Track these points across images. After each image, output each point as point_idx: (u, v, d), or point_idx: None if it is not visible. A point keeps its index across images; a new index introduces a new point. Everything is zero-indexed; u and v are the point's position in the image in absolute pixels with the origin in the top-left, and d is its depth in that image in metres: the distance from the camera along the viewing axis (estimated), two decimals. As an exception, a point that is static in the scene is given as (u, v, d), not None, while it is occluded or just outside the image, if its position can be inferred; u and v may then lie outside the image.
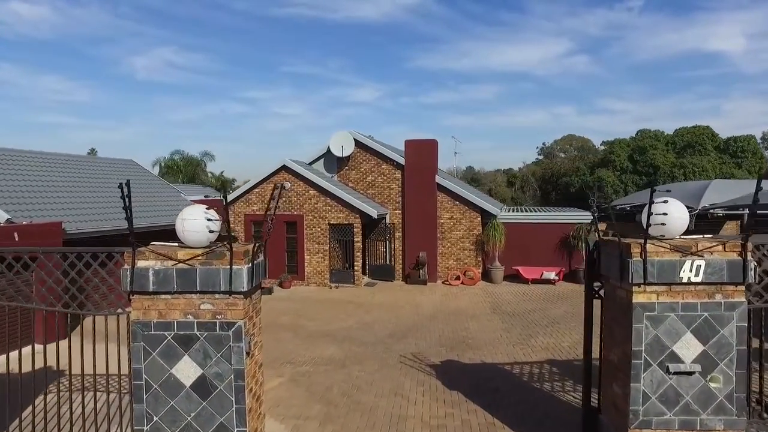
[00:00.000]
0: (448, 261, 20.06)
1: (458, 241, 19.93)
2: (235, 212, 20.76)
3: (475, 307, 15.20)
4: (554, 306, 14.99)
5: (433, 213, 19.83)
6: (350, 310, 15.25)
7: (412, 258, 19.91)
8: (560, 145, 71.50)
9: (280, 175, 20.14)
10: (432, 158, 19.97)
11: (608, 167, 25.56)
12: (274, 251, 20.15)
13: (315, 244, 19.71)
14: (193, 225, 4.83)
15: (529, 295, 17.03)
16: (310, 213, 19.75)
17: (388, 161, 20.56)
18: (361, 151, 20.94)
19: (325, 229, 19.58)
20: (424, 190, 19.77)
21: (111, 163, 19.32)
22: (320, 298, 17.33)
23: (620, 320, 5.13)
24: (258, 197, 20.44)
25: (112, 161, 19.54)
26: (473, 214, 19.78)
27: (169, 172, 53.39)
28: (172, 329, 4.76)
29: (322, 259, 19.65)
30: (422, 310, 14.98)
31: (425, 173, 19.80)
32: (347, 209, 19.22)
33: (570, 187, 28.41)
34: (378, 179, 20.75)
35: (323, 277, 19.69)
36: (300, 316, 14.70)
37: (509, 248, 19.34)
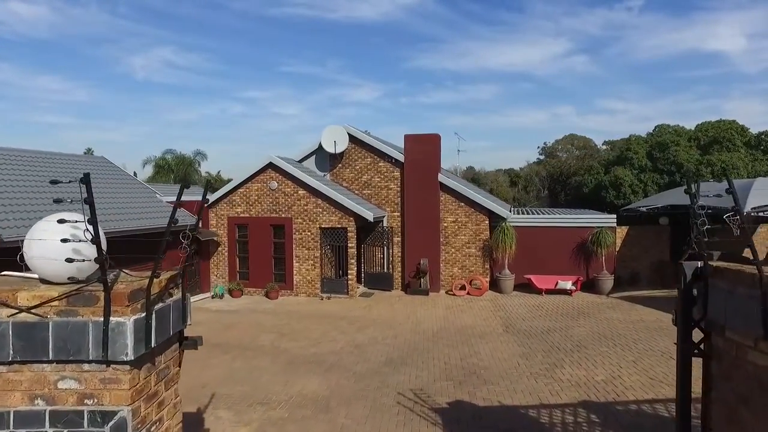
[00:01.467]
0: (453, 269, 18.14)
1: (463, 247, 18.01)
2: (218, 214, 18.85)
3: (484, 324, 13.28)
4: (576, 323, 13.05)
5: (436, 215, 17.91)
6: (342, 327, 13.32)
7: (413, 265, 17.98)
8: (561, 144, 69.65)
9: (267, 174, 18.23)
10: (434, 154, 18.05)
11: (625, 165, 23.65)
12: (259, 258, 18.27)
13: (305, 249, 17.79)
14: (43, 248, 2.87)
15: (545, 308, 15.10)
16: (299, 215, 17.83)
17: (385, 158, 18.64)
18: (356, 148, 19.02)
19: (315, 234, 17.66)
20: (425, 189, 17.85)
21: (77, 160, 17.39)
22: (309, 312, 15.40)
23: (759, 404, 3.10)
24: (243, 198, 18.52)
25: (78, 158, 17.63)
26: (480, 217, 17.86)
27: (160, 171, 51.52)
28: (5, 425, 2.81)
29: (312, 266, 17.73)
30: (424, 328, 13.05)
31: (427, 171, 17.88)
32: (340, 211, 17.30)
33: (583, 187, 26.45)
34: (375, 178, 18.83)
35: (314, 286, 17.77)
36: (283, 335, 12.78)
37: (520, 254, 17.43)
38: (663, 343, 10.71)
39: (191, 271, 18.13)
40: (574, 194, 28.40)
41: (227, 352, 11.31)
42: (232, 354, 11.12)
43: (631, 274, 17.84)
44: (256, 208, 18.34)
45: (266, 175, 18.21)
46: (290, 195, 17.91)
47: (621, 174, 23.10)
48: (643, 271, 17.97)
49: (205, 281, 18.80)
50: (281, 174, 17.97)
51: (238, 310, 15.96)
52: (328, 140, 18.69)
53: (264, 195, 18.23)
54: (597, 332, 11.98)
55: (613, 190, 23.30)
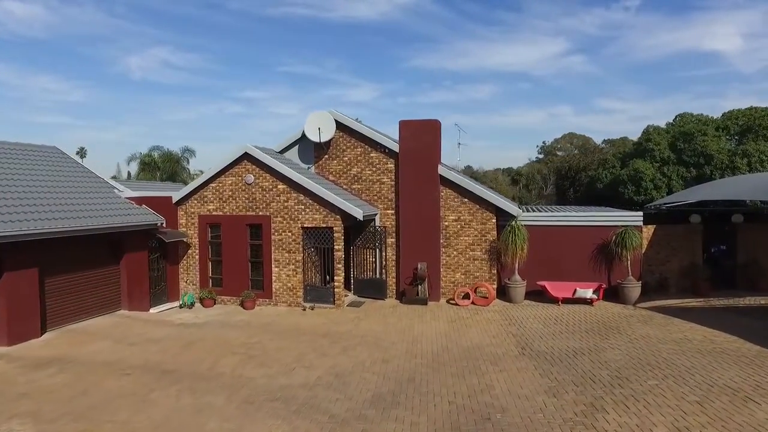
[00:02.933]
0: (455, 274, 15.86)
1: (467, 249, 15.73)
2: (187, 212, 16.55)
3: (495, 344, 11.00)
4: (607, 343, 10.77)
5: (436, 213, 15.63)
6: (323, 348, 11.04)
7: (409, 270, 15.70)
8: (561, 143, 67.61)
9: (242, 166, 15.93)
10: (434, 143, 15.76)
11: (645, 158, 21.39)
12: (234, 262, 15.98)
13: (285, 253, 15.49)
14: None
15: (564, 322, 12.82)
16: (278, 213, 15.53)
17: (378, 148, 16.35)
18: (344, 136, 16.72)
19: (297, 234, 15.37)
20: (423, 183, 15.58)
21: (24, 149, 15.06)
22: (287, 326, 13.11)
23: None
24: (215, 194, 16.21)
25: (26, 147, 15.29)
26: (486, 215, 15.58)
27: (146, 168, 49.40)
28: None
29: (293, 272, 15.44)
30: (422, 349, 10.77)
31: (425, 162, 15.60)
32: (325, 209, 15.01)
33: (596, 182, 24.13)
34: (365, 171, 16.54)
35: (295, 294, 15.47)
36: (251, 357, 10.49)
37: (532, 258, 15.16)
38: (728, 375, 8.43)
39: (156, 277, 15.84)
40: (586, 191, 26.13)
41: (177, 382, 9.03)
42: (182, 386, 8.83)
43: (659, 280, 15.58)
44: (231, 205, 16.05)
45: (241, 167, 15.91)
46: (268, 190, 15.62)
47: (641, 167, 20.79)
48: (672, 276, 15.71)
49: (174, 288, 16.50)
50: (258, 166, 15.68)
51: (206, 323, 13.67)
52: (311, 128, 16.39)
53: (239, 190, 15.94)
54: (636, 357, 9.69)
55: (632, 185, 21.03)
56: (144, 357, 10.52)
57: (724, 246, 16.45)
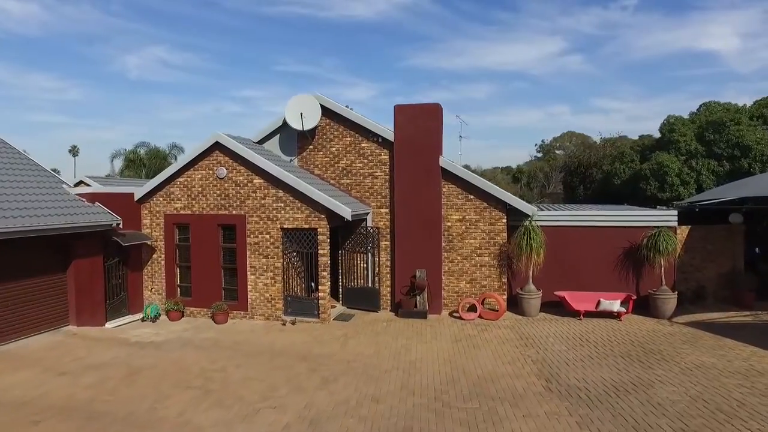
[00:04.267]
0: (459, 283, 13.74)
1: (473, 254, 13.62)
2: (152, 211, 14.39)
3: (512, 373, 8.89)
4: (653, 374, 8.66)
5: (437, 212, 13.52)
6: (299, 378, 8.92)
7: (406, 278, 13.59)
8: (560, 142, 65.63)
9: (213, 157, 13.78)
10: (434, 131, 13.63)
11: (669, 151, 19.30)
12: (205, 268, 13.85)
13: (262, 258, 13.35)
14: None
15: (592, 342, 10.72)
16: (254, 212, 13.40)
17: (370, 137, 14.22)
18: (331, 124, 14.58)
19: (276, 237, 13.24)
20: (423, 177, 13.46)
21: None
22: (261, 346, 10.99)
23: None
24: (183, 190, 14.06)
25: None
26: (495, 214, 13.46)
27: (131, 165, 47.28)
28: None
29: (272, 280, 13.30)
30: (422, 382, 8.66)
31: (425, 153, 13.47)
32: (308, 207, 12.88)
33: (613, 178, 22.00)
34: (356, 164, 14.40)
35: (274, 306, 13.34)
36: (207, 393, 8.37)
37: (548, 264, 13.07)
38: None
39: (115, 286, 13.69)
40: (599, 187, 24.04)
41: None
42: (104, 440, 6.70)
43: (695, 290, 13.49)
44: (201, 203, 13.91)
45: (213, 159, 13.77)
46: (243, 185, 13.48)
47: (666, 161, 18.67)
48: (709, 284, 13.63)
49: (136, 299, 14.35)
50: (231, 157, 13.54)
51: (166, 342, 11.54)
52: (293, 114, 14.25)
53: (210, 185, 13.80)
54: (699, 397, 7.57)
55: (654, 181, 18.93)
56: (70, 393, 8.37)
57: (758, 249, 14.40)
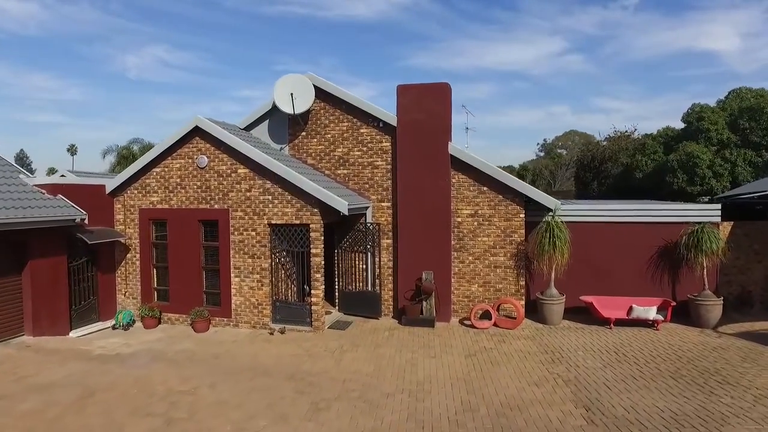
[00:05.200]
0: (471, 286, 12.16)
1: (486, 253, 12.03)
2: (126, 205, 12.83)
3: (542, 398, 7.31)
4: (720, 402, 7.05)
5: (446, 206, 11.93)
6: (283, 405, 7.35)
7: (411, 281, 12.02)
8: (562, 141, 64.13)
9: (193, 144, 12.22)
10: (442, 114, 12.04)
11: (698, 141, 17.68)
12: (184, 269, 12.31)
13: (248, 258, 11.79)
14: None
15: (632, 357, 9.12)
16: (239, 206, 11.83)
17: (369, 122, 12.64)
18: (326, 107, 13.01)
19: (263, 234, 11.67)
20: (430, 167, 11.88)
21: None
22: (243, 361, 9.42)
23: None
24: (160, 181, 12.51)
25: None
26: (512, 209, 11.87)
27: (123, 162, 45.68)
28: None
29: (258, 283, 11.73)
30: (432, 409, 7.08)
31: (432, 139, 11.89)
32: (299, 200, 11.31)
33: (635, 171, 20.34)
34: (354, 152, 12.82)
35: (261, 313, 11.78)
36: (169, 423, 6.82)
37: (571, 265, 11.48)
38: None
39: (83, 290, 12.15)
40: (617, 182, 22.41)
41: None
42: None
43: (739, 294, 11.89)
44: (179, 196, 12.34)
45: (192, 146, 12.21)
46: (226, 176, 11.91)
47: (696, 151, 17.02)
48: (756, 288, 12.01)
49: (108, 304, 12.79)
50: (213, 144, 11.98)
51: (134, 355, 9.99)
52: (283, 95, 12.67)
53: (190, 176, 12.24)
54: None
55: (683, 174, 17.29)
56: (11, 419, 6.82)
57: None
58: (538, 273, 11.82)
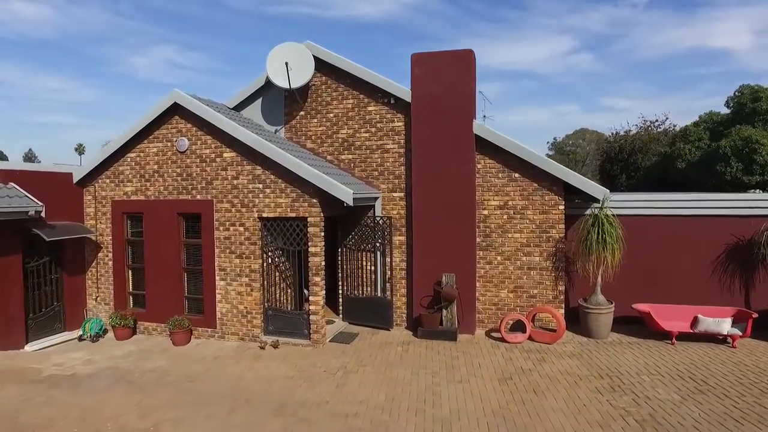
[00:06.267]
0: (500, 291, 10.23)
1: (519, 253, 10.11)
2: (97, 197, 11.05)
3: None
4: None
5: (469, 196, 10.01)
6: (264, 454, 5.49)
7: (428, 285, 10.13)
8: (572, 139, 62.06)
9: (172, 125, 10.40)
10: (466, 86, 10.11)
11: (755, 124, 15.62)
12: (162, 271, 10.54)
13: (235, 258, 9.95)
14: None
15: (718, 386, 7.15)
16: (225, 197, 10.00)
17: (379, 98, 10.76)
18: (328, 82, 11.14)
19: (253, 229, 9.83)
20: (450, 150, 9.98)
21: None
22: (221, 385, 7.57)
23: None
24: (136, 169, 10.71)
25: None
26: (549, 199, 9.94)
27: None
28: None
29: (247, 287, 9.89)
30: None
31: (453, 117, 9.99)
32: (295, 188, 9.46)
33: (675, 162, 18.25)
34: (360, 133, 10.94)
35: (251, 323, 9.94)
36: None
37: (621, 266, 9.52)
38: None
39: (46, 294, 10.38)
40: (651, 173, 20.37)
41: None
42: None
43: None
44: (157, 186, 10.53)
45: (172, 126, 10.39)
46: (210, 161, 10.09)
47: (755, 135, 14.91)
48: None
49: (76, 311, 11.02)
50: (195, 124, 10.16)
51: (92, 376, 8.19)
52: (276, 66, 10.82)
53: (168, 162, 10.42)
54: None
55: (737, 162, 15.23)
56: None
57: None
58: (580, 276, 9.88)
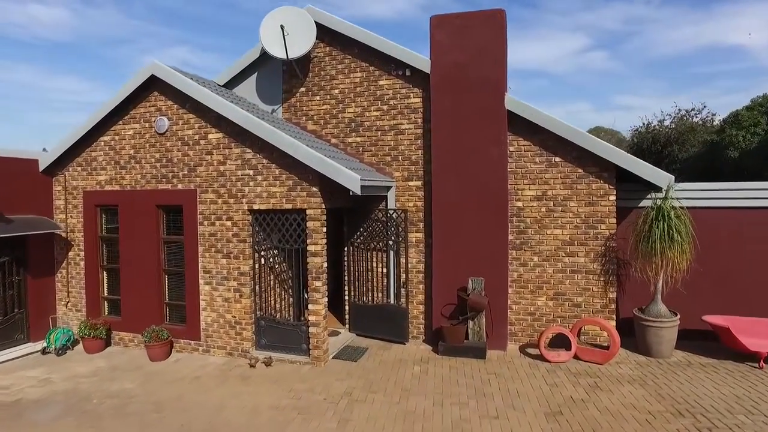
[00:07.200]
0: (536, 299, 8.55)
1: (560, 252, 8.42)
2: (67, 187, 9.57)
3: None
4: None
5: (500, 184, 8.34)
6: None
7: (451, 291, 8.48)
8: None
9: (150, 102, 8.88)
10: (497, 53, 8.43)
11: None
12: (138, 273, 9.03)
13: (221, 258, 8.39)
14: None
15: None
16: (210, 186, 8.45)
17: (392, 70, 9.14)
18: (332, 53, 9.55)
19: (242, 224, 8.26)
20: (477, 129, 8.32)
21: None
22: (197, 416, 6.01)
23: None
24: (110, 154, 9.22)
25: None
26: (598, 188, 8.24)
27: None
28: None
29: (236, 293, 8.33)
30: None
31: (481, 90, 8.33)
32: (292, 173, 7.87)
33: (725, 151, 16.40)
34: (370, 111, 9.32)
35: (240, 334, 8.37)
36: None
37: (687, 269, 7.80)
38: None
39: (5, 299, 8.93)
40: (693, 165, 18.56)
41: None
42: None
43: None
44: (133, 173, 9.02)
45: (150, 104, 8.86)
46: (193, 143, 8.54)
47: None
48: None
49: (41, 318, 9.55)
50: (176, 101, 8.62)
51: (38, 404, 6.69)
52: (272, 34, 9.24)
53: (147, 146, 8.90)
54: None
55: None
56: None
57: None
58: (634, 280, 8.18)
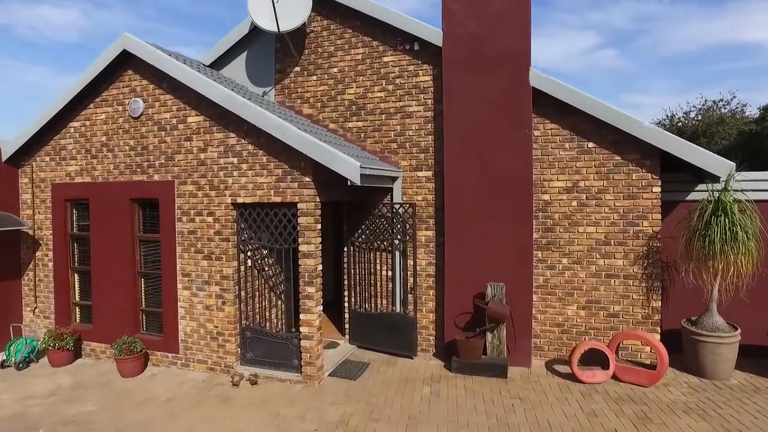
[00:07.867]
0: (565, 307, 7.37)
1: (594, 253, 7.23)
2: (34, 180, 8.54)
3: None
4: None
5: (524, 174, 7.16)
6: None
7: (467, 298, 7.33)
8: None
9: (124, 82, 7.81)
10: (519, 22, 7.25)
11: None
12: (110, 276, 7.96)
13: (202, 259, 7.30)
14: None
15: None
16: (189, 176, 7.35)
17: (398, 44, 8.00)
18: (331, 27, 8.43)
19: (226, 220, 7.15)
20: (497, 110, 7.16)
21: None
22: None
23: None
24: (81, 142, 8.17)
25: None
26: (639, 177, 7.04)
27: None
28: None
29: (218, 299, 7.23)
30: None
31: (501, 64, 7.16)
32: (282, 161, 6.75)
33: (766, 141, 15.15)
34: (374, 92, 8.18)
35: (223, 347, 7.27)
36: None
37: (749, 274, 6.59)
38: None
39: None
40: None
41: None
42: None
43: None
44: (105, 163, 7.95)
45: (124, 85, 7.80)
46: (171, 128, 7.46)
47: None
48: None
49: (5, 326, 8.53)
50: (151, 81, 7.55)
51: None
52: (262, 6, 8.14)
53: (120, 132, 7.84)
54: None
55: None
56: None
57: None
58: (681, 287, 6.98)
